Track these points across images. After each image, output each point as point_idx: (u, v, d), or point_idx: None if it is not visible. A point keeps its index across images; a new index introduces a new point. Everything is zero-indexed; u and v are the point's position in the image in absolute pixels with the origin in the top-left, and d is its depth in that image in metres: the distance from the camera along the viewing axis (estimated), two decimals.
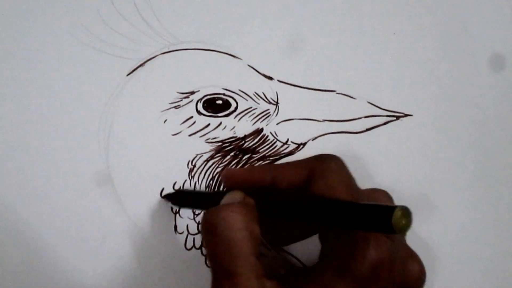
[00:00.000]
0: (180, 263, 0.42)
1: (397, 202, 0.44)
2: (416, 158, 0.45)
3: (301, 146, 0.44)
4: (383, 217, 0.30)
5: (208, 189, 0.43)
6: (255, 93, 0.44)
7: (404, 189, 0.44)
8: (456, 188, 0.45)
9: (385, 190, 0.39)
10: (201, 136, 0.43)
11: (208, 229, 0.34)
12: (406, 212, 0.30)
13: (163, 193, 0.42)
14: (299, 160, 0.38)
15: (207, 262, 0.34)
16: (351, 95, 0.45)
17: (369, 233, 0.33)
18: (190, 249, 0.42)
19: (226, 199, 0.37)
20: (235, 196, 0.36)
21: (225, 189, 0.40)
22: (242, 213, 0.34)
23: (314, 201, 0.34)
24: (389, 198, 0.38)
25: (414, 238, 0.38)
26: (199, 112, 0.43)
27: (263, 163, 0.43)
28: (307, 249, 0.39)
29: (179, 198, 0.42)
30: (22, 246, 0.41)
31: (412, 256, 0.36)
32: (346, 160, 0.43)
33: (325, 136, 0.44)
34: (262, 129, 0.44)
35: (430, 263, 0.36)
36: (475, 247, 0.45)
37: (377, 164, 0.44)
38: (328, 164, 0.36)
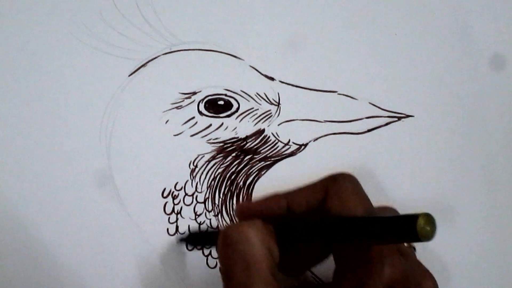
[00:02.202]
0: (182, 264, 0.42)
1: (398, 202, 0.44)
2: (418, 158, 0.45)
3: (303, 147, 0.44)
4: (407, 226, 0.30)
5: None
6: (257, 93, 0.44)
7: (406, 190, 0.44)
8: (457, 188, 0.45)
9: (394, 207, 0.38)
10: (202, 137, 0.43)
11: (226, 242, 0.34)
12: (429, 219, 0.30)
13: (178, 237, 0.42)
14: (313, 183, 0.37)
15: (221, 275, 0.34)
16: (352, 96, 0.45)
17: (383, 251, 0.33)
18: (192, 249, 0.42)
19: None
20: (253, 221, 0.35)
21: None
22: (262, 230, 0.34)
23: (335, 219, 0.34)
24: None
25: (425, 253, 0.38)
26: (200, 113, 0.43)
27: (265, 163, 0.44)
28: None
29: (194, 239, 0.42)
30: (22, 246, 0.41)
31: (425, 273, 0.36)
32: (347, 161, 0.43)
33: (327, 137, 0.44)
34: (263, 130, 0.44)
35: (443, 281, 0.36)
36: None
37: (378, 165, 0.44)
38: (342, 183, 0.36)
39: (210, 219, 0.43)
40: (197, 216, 0.43)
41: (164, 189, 0.43)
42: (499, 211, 0.46)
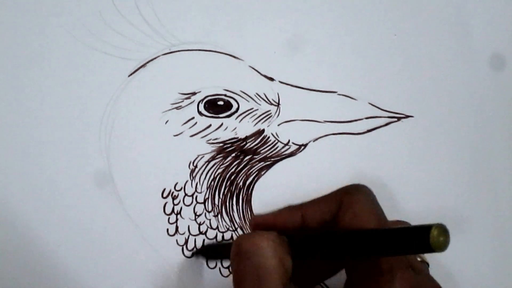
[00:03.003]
0: (181, 264, 0.42)
1: (397, 202, 0.44)
2: (417, 159, 0.45)
3: (302, 147, 0.44)
4: (420, 237, 0.29)
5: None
6: (257, 94, 0.44)
7: (405, 190, 0.44)
8: (458, 189, 0.45)
9: (408, 222, 0.38)
10: (202, 137, 0.43)
11: (239, 253, 0.34)
12: (443, 230, 0.29)
13: (194, 251, 0.42)
14: (327, 195, 0.37)
15: (233, 285, 0.34)
16: (352, 96, 0.45)
17: (395, 265, 0.33)
18: (192, 250, 0.42)
19: None
20: (267, 232, 0.35)
21: None
22: (276, 242, 0.34)
23: (348, 233, 0.34)
24: None
25: (438, 269, 0.38)
26: (200, 113, 0.43)
27: (264, 164, 0.44)
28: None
29: (209, 252, 0.42)
30: (21, 246, 0.41)
31: None
32: (347, 161, 0.43)
33: (326, 137, 0.44)
34: (263, 130, 0.44)
35: None
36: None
37: (378, 165, 0.44)
38: (356, 195, 0.35)
39: (210, 220, 0.43)
40: (196, 217, 0.43)
41: (164, 190, 0.43)
42: (497, 207, 0.46)
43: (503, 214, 0.46)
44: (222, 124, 0.43)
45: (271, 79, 0.44)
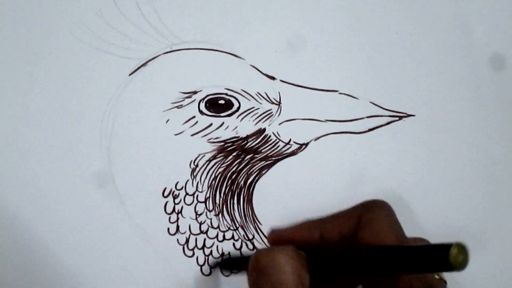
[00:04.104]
0: (182, 264, 0.42)
1: (398, 201, 0.44)
2: (418, 158, 0.45)
3: (304, 146, 0.44)
4: (440, 256, 0.30)
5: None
6: (258, 93, 0.44)
7: (406, 189, 0.44)
8: (457, 188, 0.45)
9: (427, 239, 0.38)
10: (203, 136, 0.43)
11: (257, 268, 0.34)
12: (462, 248, 0.29)
13: (211, 262, 0.42)
14: (346, 210, 0.37)
15: None
16: (353, 95, 0.45)
17: (413, 283, 0.33)
18: (192, 249, 0.42)
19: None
20: (286, 247, 0.35)
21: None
22: (294, 257, 0.34)
23: (366, 250, 0.34)
24: None
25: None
26: (201, 112, 0.43)
27: (265, 163, 0.43)
28: None
29: (227, 264, 0.42)
30: (22, 246, 0.41)
31: None
32: (348, 161, 0.43)
33: (328, 136, 0.44)
34: (264, 129, 0.44)
35: None
36: None
37: (379, 164, 0.44)
38: (375, 212, 0.35)
39: (211, 219, 0.43)
40: (197, 216, 0.43)
41: (165, 189, 0.42)
42: (500, 207, 0.46)
43: (505, 214, 0.46)
44: (223, 123, 0.43)
45: (272, 78, 0.44)
